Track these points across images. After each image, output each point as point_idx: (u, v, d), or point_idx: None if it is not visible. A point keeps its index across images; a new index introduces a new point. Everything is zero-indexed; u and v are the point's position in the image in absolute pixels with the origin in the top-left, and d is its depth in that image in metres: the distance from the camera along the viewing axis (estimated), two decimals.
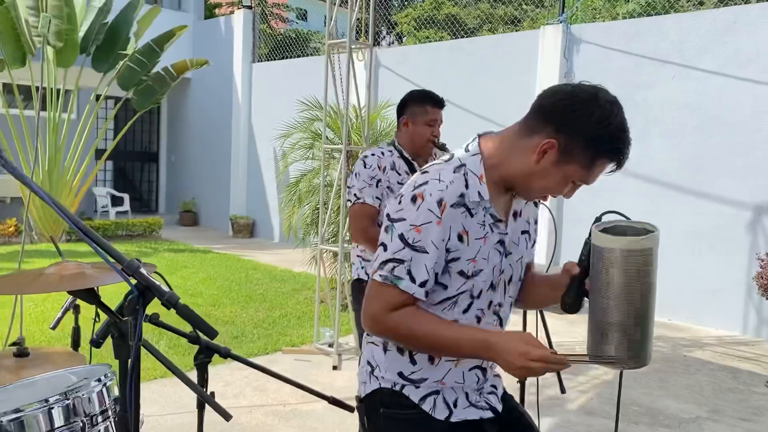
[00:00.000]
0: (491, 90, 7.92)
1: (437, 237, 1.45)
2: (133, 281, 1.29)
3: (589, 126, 1.40)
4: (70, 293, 1.98)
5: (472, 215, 1.49)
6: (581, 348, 1.61)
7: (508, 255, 1.58)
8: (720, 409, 4.14)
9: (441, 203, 1.45)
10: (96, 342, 1.40)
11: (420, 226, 1.45)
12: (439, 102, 2.91)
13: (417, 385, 1.57)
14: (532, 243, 1.69)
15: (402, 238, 1.46)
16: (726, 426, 3.88)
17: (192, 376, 1.63)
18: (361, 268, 2.96)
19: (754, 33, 6.07)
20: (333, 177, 5.96)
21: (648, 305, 1.48)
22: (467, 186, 1.48)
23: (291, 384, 2.05)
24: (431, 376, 1.57)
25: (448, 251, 1.48)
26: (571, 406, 4.10)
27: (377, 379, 1.61)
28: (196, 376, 1.74)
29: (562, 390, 2.71)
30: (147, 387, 4.01)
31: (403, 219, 1.47)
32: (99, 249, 1.27)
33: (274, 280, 7.75)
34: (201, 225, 12.96)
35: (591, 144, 1.41)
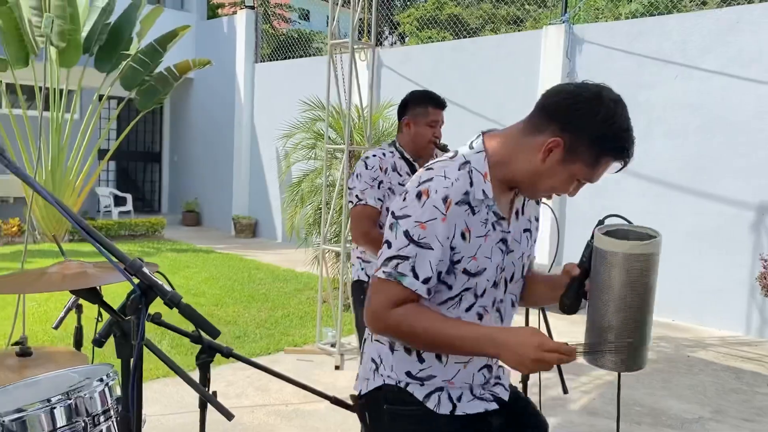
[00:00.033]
0: (494, 90, 7.91)
1: (442, 234, 1.45)
2: (136, 281, 1.29)
3: (594, 125, 1.40)
4: (72, 293, 1.98)
5: (474, 213, 1.49)
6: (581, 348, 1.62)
7: (509, 253, 1.58)
8: (723, 410, 4.13)
9: (446, 200, 1.44)
10: (98, 341, 1.41)
11: (425, 222, 1.44)
12: (441, 103, 2.90)
13: (422, 383, 1.57)
14: (533, 241, 1.69)
15: (407, 234, 1.46)
16: (729, 426, 3.87)
17: (194, 375, 1.63)
18: (361, 269, 2.96)
19: (757, 33, 6.06)
20: (335, 177, 5.96)
21: (647, 309, 1.48)
22: (472, 183, 1.48)
23: (293, 384, 2.06)
24: (440, 374, 1.57)
25: (452, 249, 1.47)
26: (574, 406, 4.09)
27: (381, 377, 1.60)
28: (198, 375, 1.74)
29: (564, 390, 2.70)
30: (149, 386, 4.01)
31: (408, 216, 1.46)
32: (102, 248, 1.27)
33: (276, 280, 7.75)
34: (204, 225, 12.96)
35: (595, 142, 1.41)
